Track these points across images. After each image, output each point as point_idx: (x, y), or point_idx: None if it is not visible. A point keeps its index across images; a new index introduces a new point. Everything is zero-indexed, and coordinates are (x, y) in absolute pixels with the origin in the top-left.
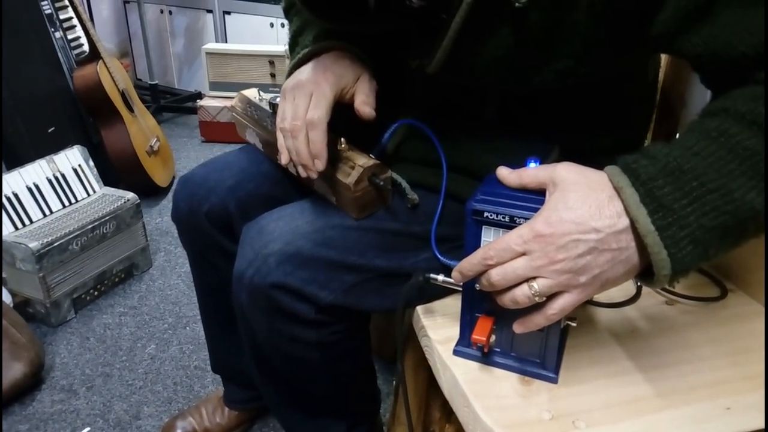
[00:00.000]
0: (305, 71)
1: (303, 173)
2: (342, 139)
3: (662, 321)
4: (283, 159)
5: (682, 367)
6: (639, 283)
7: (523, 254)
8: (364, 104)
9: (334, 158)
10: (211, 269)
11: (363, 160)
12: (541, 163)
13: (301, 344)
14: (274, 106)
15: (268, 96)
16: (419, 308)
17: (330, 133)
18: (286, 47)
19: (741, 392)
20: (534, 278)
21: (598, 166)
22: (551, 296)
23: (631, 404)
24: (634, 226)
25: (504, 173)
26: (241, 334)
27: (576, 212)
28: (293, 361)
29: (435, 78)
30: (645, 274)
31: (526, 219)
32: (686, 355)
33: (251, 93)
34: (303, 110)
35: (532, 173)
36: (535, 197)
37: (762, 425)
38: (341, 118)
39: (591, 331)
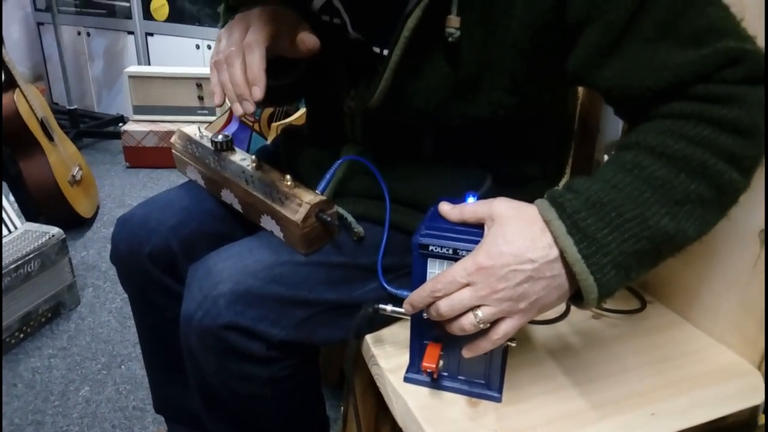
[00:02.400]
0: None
1: (239, 111)
2: (288, 176)
3: (591, 335)
4: (217, 98)
5: (612, 379)
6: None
7: (468, 285)
8: (307, 34)
9: (281, 195)
10: (154, 309)
11: (309, 197)
12: (478, 198)
13: (252, 382)
14: (216, 144)
15: (208, 132)
16: (369, 337)
17: (276, 171)
18: None
19: (665, 398)
20: (478, 307)
21: (527, 192)
22: (495, 322)
23: (570, 418)
24: (563, 255)
25: (446, 209)
26: (188, 374)
27: (513, 245)
28: (243, 399)
29: (371, 116)
30: (576, 296)
31: (468, 251)
32: (614, 366)
33: (191, 130)
34: (239, 37)
35: (472, 209)
36: (475, 230)
37: (685, 426)
38: (285, 158)
39: (529, 349)
